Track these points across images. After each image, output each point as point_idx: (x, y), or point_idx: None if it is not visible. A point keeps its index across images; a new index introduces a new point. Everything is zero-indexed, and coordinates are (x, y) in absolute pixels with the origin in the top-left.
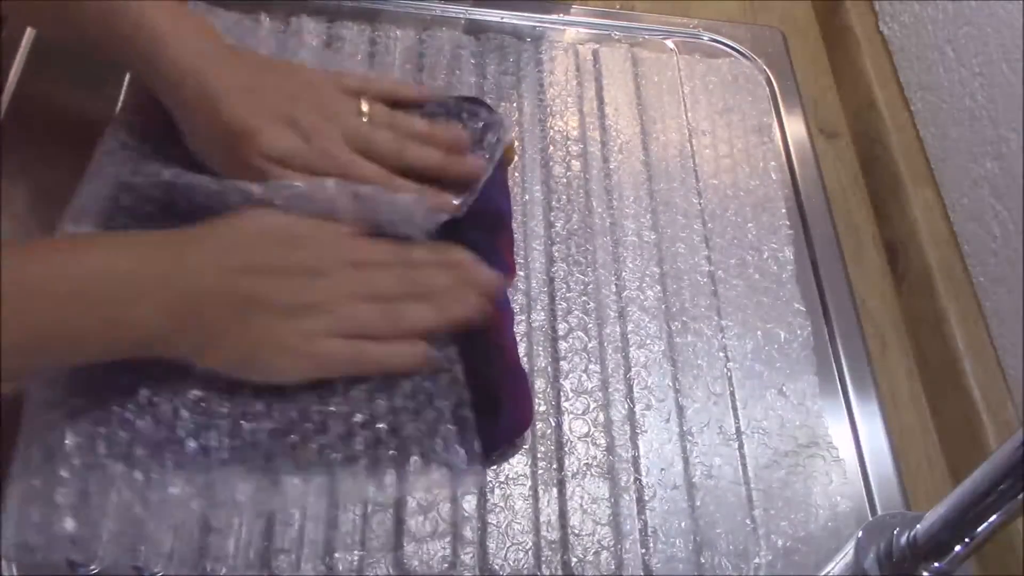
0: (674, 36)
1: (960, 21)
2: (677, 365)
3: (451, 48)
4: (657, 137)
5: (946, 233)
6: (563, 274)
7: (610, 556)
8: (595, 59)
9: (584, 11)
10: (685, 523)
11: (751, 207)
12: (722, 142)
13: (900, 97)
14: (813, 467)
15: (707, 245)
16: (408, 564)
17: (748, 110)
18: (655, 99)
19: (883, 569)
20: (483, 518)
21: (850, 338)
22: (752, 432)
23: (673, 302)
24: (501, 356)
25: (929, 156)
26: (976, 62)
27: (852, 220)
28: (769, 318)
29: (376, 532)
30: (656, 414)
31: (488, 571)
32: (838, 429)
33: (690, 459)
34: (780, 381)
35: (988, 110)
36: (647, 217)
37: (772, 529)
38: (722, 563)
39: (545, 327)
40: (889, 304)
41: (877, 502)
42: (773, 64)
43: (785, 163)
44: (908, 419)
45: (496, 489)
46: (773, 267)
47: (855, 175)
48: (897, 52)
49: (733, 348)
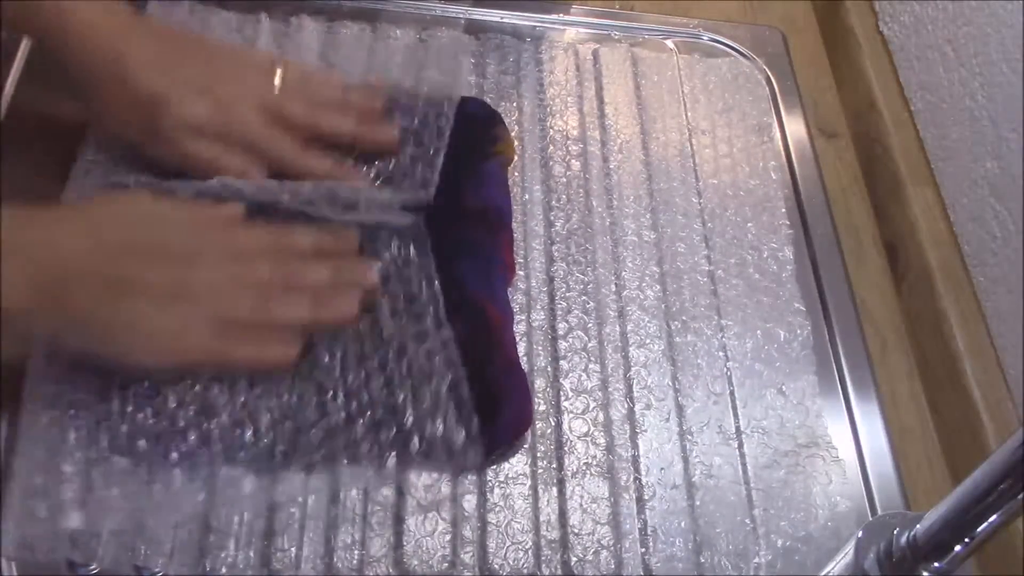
0: (674, 36)
1: (960, 21)
2: (677, 364)
3: (451, 48)
4: (657, 137)
5: (946, 233)
6: (563, 273)
7: (610, 555)
8: (595, 59)
9: (584, 11)
10: (685, 522)
11: (751, 207)
12: (722, 142)
13: (900, 97)
14: (813, 467)
15: (707, 244)
16: (408, 563)
17: (748, 110)
18: (655, 99)
19: (883, 569)
20: (483, 517)
21: (850, 338)
22: (752, 431)
23: (673, 301)
24: (501, 355)
25: (929, 156)
26: (976, 62)
27: (852, 220)
28: (769, 317)
29: (376, 531)
30: (656, 413)
31: (488, 570)
32: (838, 429)
33: (690, 458)
34: (780, 380)
35: (988, 110)
36: (647, 216)
37: (772, 529)
38: (722, 562)
39: (545, 326)
40: (889, 304)
41: (877, 502)
42: (773, 64)
43: (785, 163)
44: (908, 419)
45: (496, 488)
46: (773, 266)
47: (855, 175)
48: (897, 52)
49: (733, 347)
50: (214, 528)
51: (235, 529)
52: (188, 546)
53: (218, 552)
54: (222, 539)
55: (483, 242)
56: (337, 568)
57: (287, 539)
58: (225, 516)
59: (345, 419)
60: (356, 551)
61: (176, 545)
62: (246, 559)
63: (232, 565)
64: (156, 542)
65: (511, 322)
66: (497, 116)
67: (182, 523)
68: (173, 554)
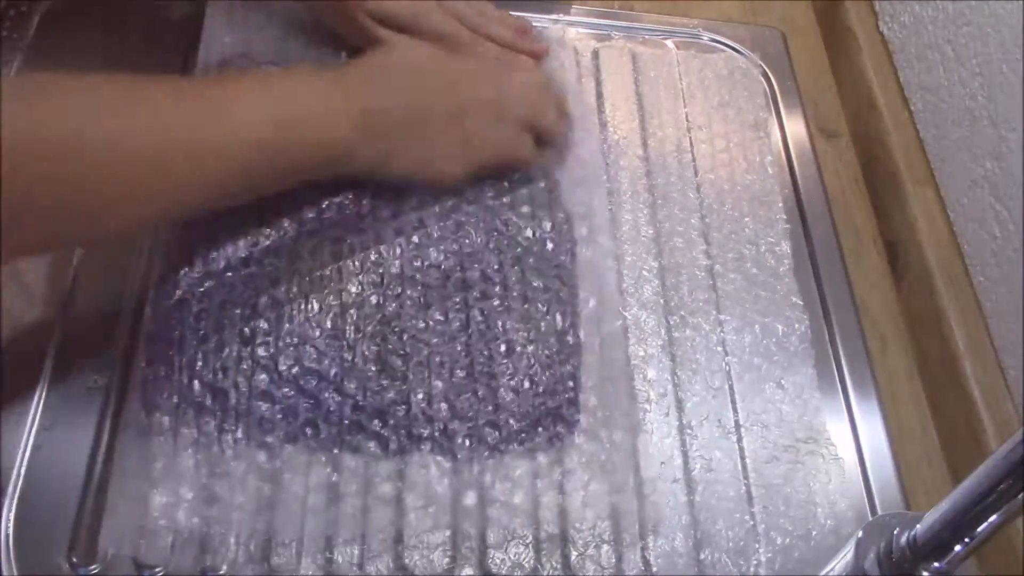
0: (674, 36)
1: (960, 21)
2: (676, 359)
3: None
4: (655, 132)
5: (946, 233)
6: None
7: (610, 550)
8: (595, 59)
9: (584, 11)
10: (685, 518)
11: (748, 201)
12: (719, 137)
13: (900, 97)
14: (813, 464)
15: (705, 239)
16: (408, 558)
17: (744, 105)
18: (652, 94)
19: (883, 569)
20: (483, 512)
21: (850, 338)
22: (751, 425)
23: (671, 296)
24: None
25: (929, 156)
26: (976, 62)
27: (852, 220)
28: (767, 312)
29: (376, 526)
30: (655, 408)
31: (488, 565)
32: (838, 428)
33: (689, 453)
34: (778, 375)
35: (988, 110)
36: (645, 211)
37: (772, 526)
38: (722, 560)
39: None
40: (889, 304)
41: (877, 502)
42: (773, 64)
43: (784, 162)
44: (908, 419)
45: (496, 484)
46: (770, 261)
47: (855, 175)
48: (897, 52)
49: (731, 342)
50: (213, 525)
51: (235, 524)
52: (188, 542)
53: (219, 547)
54: (223, 535)
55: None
56: (337, 563)
57: (287, 534)
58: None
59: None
60: (356, 546)
61: (176, 541)
62: (247, 554)
63: (232, 560)
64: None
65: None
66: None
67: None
68: (174, 549)
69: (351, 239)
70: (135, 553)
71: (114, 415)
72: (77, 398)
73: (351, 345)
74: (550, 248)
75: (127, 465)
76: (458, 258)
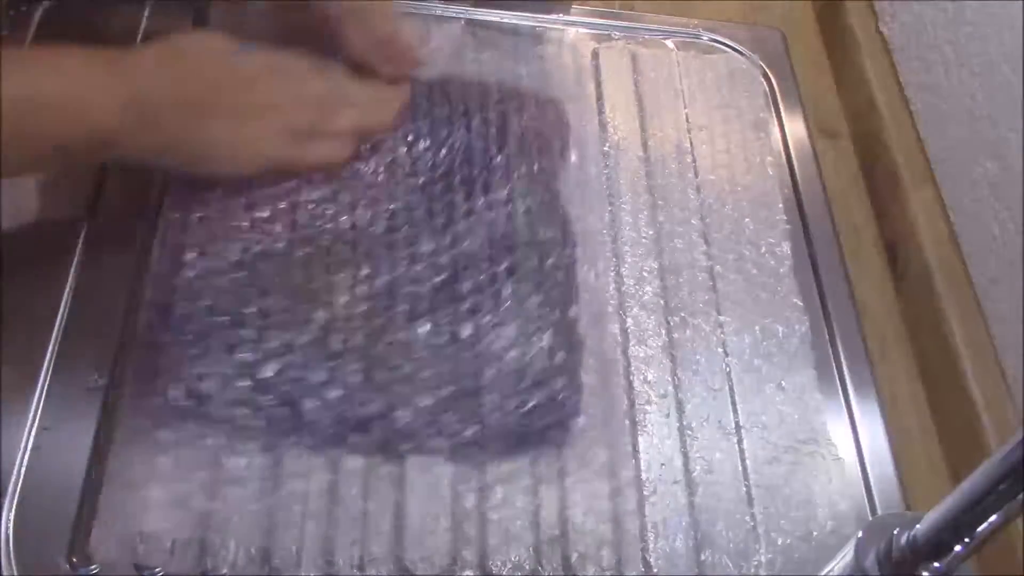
0: (674, 36)
1: (960, 21)
2: (676, 360)
3: (451, 48)
4: (655, 133)
5: (946, 233)
6: None
7: (611, 552)
8: (595, 59)
9: (584, 11)
10: (685, 519)
11: (748, 202)
12: (719, 137)
13: (900, 97)
14: (813, 465)
15: (705, 240)
16: (409, 561)
17: (745, 105)
18: (652, 95)
19: (883, 569)
20: (483, 514)
21: (850, 338)
22: (751, 427)
23: (671, 297)
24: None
25: (929, 156)
26: (976, 62)
27: (852, 220)
28: (767, 313)
29: (377, 529)
30: (655, 409)
31: (488, 567)
32: (838, 429)
33: (690, 454)
34: (779, 376)
35: (988, 110)
36: (645, 212)
37: (772, 527)
38: (723, 561)
39: None
40: (889, 304)
41: (877, 502)
42: (773, 64)
43: (785, 162)
44: (908, 419)
45: (496, 485)
46: (771, 262)
47: (855, 175)
48: (897, 52)
49: (732, 343)
50: (213, 526)
51: (234, 526)
52: (188, 544)
53: (219, 550)
54: (222, 537)
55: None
56: (337, 566)
57: (288, 537)
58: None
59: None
60: (357, 549)
61: (177, 542)
62: (247, 556)
63: (232, 563)
64: (156, 540)
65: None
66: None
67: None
68: (174, 551)
69: (343, 249)
70: (131, 556)
71: (114, 415)
72: (77, 398)
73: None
74: (549, 248)
75: (123, 467)
76: (452, 268)
